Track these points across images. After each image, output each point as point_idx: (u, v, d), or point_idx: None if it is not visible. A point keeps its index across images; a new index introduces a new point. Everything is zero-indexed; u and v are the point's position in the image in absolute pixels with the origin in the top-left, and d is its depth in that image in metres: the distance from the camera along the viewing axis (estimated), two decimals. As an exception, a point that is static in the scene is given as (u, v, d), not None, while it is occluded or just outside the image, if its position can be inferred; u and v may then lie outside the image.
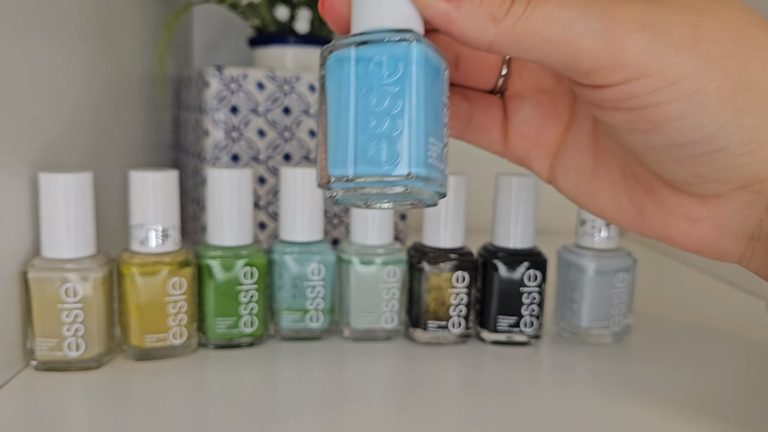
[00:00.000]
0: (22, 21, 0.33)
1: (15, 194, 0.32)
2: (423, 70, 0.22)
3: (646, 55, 0.21)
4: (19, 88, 0.32)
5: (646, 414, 0.31)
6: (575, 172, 0.28)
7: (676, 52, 0.21)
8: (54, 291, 0.32)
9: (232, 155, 0.50)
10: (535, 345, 0.39)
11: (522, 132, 0.29)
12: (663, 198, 0.26)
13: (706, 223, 0.26)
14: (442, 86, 0.23)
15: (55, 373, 0.33)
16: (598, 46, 0.21)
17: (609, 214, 0.28)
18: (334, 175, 0.22)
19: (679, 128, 0.22)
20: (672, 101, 0.22)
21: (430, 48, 0.22)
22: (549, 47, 0.22)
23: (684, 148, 0.23)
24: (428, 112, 0.22)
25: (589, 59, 0.22)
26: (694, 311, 0.48)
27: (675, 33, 0.21)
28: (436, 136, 0.22)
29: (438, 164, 0.23)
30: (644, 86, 0.22)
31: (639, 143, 0.24)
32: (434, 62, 0.22)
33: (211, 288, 0.36)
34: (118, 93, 0.48)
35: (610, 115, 0.24)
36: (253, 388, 0.33)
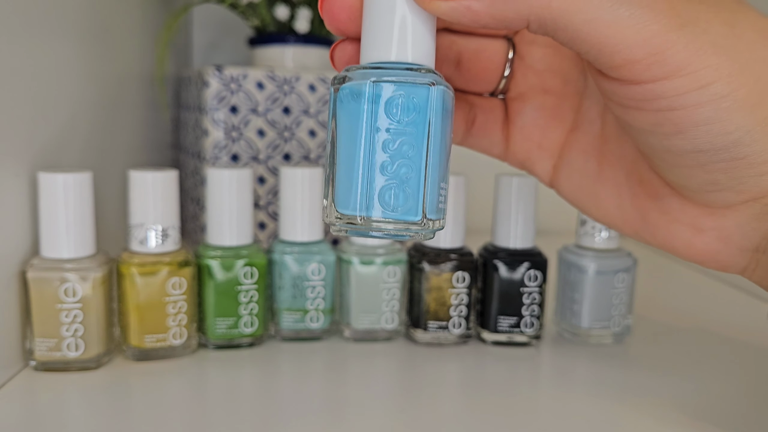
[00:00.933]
0: (22, 21, 0.32)
1: (14, 194, 0.32)
2: (441, 114, 0.21)
3: (686, 54, 0.20)
4: (19, 88, 0.32)
5: (646, 416, 0.31)
6: (579, 175, 0.28)
7: (714, 52, 0.20)
8: (53, 291, 0.32)
9: (232, 155, 0.50)
10: (535, 345, 0.39)
11: (525, 134, 0.28)
12: (668, 205, 0.26)
13: (710, 233, 0.25)
14: (450, 124, 0.22)
15: (54, 373, 0.32)
16: (640, 36, 0.20)
17: (611, 219, 0.28)
18: (345, 213, 0.21)
19: (705, 133, 0.21)
20: (701, 105, 0.21)
21: (444, 85, 0.22)
22: (588, 29, 0.20)
23: (706, 154, 0.22)
24: (442, 156, 0.21)
25: (626, 49, 0.20)
26: (694, 312, 0.47)
27: (715, 32, 0.20)
28: (445, 179, 0.22)
29: (444, 206, 0.22)
30: (676, 87, 0.21)
31: (659, 146, 0.23)
32: (448, 102, 0.22)
33: (211, 288, 0.36)
34: (117, 93, 0.48)
35: (633, 116, 0.23)
36: (253, 388, 0.33)
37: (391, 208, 0.21)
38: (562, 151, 0.28)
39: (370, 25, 0.22)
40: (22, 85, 0.33)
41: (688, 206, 0.25)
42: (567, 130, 0.28)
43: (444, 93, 0.21)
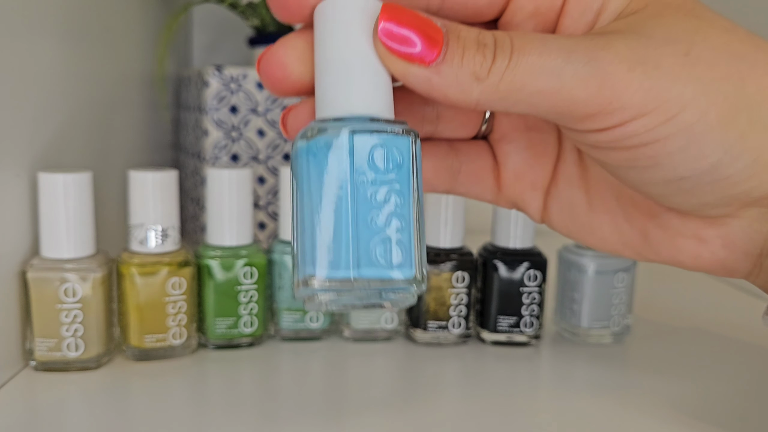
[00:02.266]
0: (22, 21, 0.32)
1: (14, 194, 0.32)
2: (419, 163, 0.20)
3: (642, 93, 0.20)
4: (19, 88, 0.32)
5: (645, 415, 0.31)
6: (569, 207, 0.27)
7: (672, 83, 0.20)
8: (53, 291, 0.32)
9: (232, 155, 0.50)
10: (535, 345, 0.39)
11: (517, 175, 0.28)
12: (668, 222, 0.25)
13: (715, 242, 0.25)
14: (421, 175, 0.21)
15: (54, 373, 0.32)
16: (590, 91, 0.20)
17: (610, 244, 0.27)
18: (335, 278, 0.19)
19: (682, 161, 0.21)
20: (674, 135, 0.21)
21: (416, 133, 0.21)
22: (539, 99, 0.20)
23: (689, 180, 0.22)
24: (422, 207, 0.21)
25: (582, 106, 0.20)
26: (694, 312, 0.47)
27: (667, 63, 0.20)
28: (423, 227, 0.21)
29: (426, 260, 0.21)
30: (644, 124, 0.21)
31: (639, 179, 0.23)
32: (420, 150, 0.21)
33: (211, 288, 0.36)
34: (117, 93, 0.48)
35: (607, 155, 0.23)
36: (252, 388, 0.33)
37: (380, 265, 0.19)
38: (549, 186, 0.28)
39: (326, 77, 0.21)
40: (22, 85, 0.33)
41: (688, 219, 0.25)
42: (553, 163, 0.27)
43: (418, 141, 0.21)
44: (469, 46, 0.20)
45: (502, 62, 0.20)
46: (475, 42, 0.20)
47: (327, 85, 0.21)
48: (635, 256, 0.27)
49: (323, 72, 0.21)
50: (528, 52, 0.20)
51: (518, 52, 0.20)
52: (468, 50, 0.20)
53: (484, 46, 0.20)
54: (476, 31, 0.21)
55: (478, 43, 0.20)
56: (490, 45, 0.20)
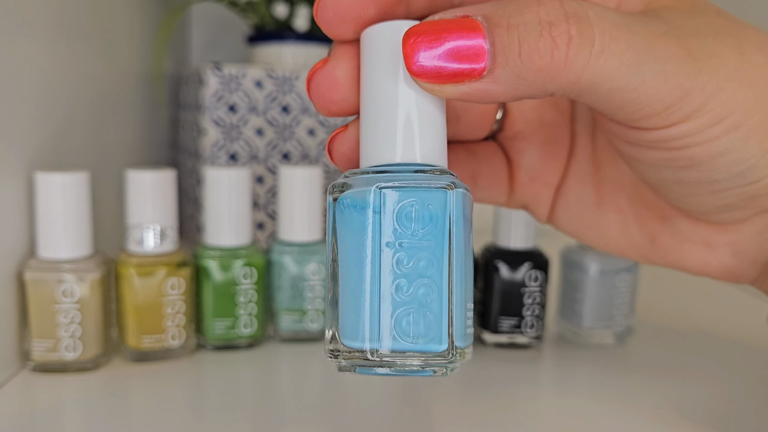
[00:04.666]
0: (19, 20, 0.32)
1: (11, 194, 0.32)
2: (461, 221, 0.18)
3: (704, 96, 0.20)
4: (15, 88, 0.32)
5: (648, 417, 0.30)
6: (577, 206, 0.27)
7: (728, 86, 0.20)
8: (50, 292, 0.31)
9: (231, 154, 0.49)
10: (536, 346, 0.38)
11: (532, 174, 0.27)
12: (678, 226, 0.25)
13: (724, 249, 0.25)
14: (471, 232, 0.19)
15: (51, 374, 0.32)
16: (662, 90, 0.19)
17: (616, 246, 0.27)
18: (353, 347, 0.18)
19: (722, 164, 0.21)
20: (717, 138, 0.20)
21: (463, 187, 0.18)
22: (615, 95, 0.19)
23: (721, 182, 0.22)
24: (467, 270, 0.18)
25: (651, 106, 0.19)
26: (696, 313, 0.47)
27: (728, 64, 0.20)
28: (471, 297, 0.19)
29: (472, 329, 0.19)
30: (692, 127, 0.20)
31: (672, 178, 0.23)
32: (468, 206, 0.19)
33: (209, 289, 0.35)
34: (115, 92, 0.48)
35: (645, 153, 0.22)
36: (251, 390, 0.32)
37: (411, 337, 0.18)
38: (560, 184, 0.27)
39: (369, 121, 0.19)
40: (19, 85, 0.32)
41: (699, 224, 0.25)
42: (566, 160, 0.27)
43: (463, 197, 0.18)
44: (527, 34, 0.17)
45: (583, 48, 0.17)
46: (534, 25, 0.17)
47: (366, 127, 0.19)
48: (640, 259, 0.27)
49: (364, 112, 0.19)
50: (616, 41, 0.18)
51: (604, 38, 0.18)
52: (526, 40, 0.17)
53: (549, 25, 0.17)
54: (534, 8, 0.17)
55: (540, 24, 0.17)
56: (560, 23, 0.17)
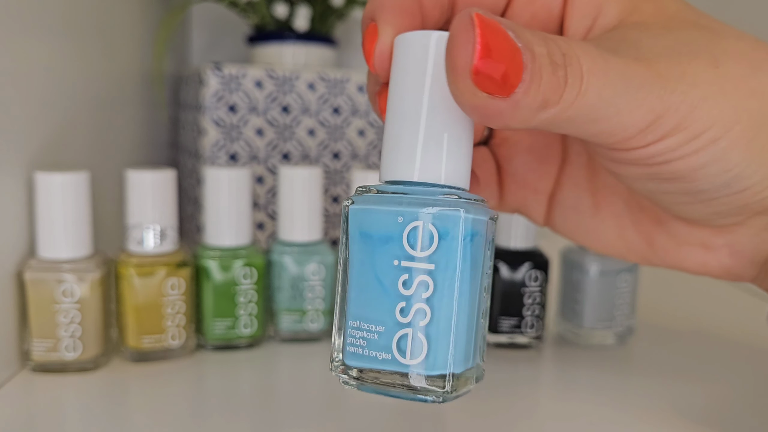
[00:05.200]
0: (19, 19, 0.32)
1: (11, 194, 0.32)
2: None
3: (679, 115, 0.20)
4: (16, 87, 0.32)
5: (648, 418, 0.30)
6: (574, 212, 0.27)
7: (704, 102, 0.20)
8: (50, 292, 0.31)
9: (231, 154, 0.49)
10: (536, 346, 0.38)
11: (519, 180, 0.27)
12: (675, 229, 0.25)
13: (722, 250, 0.25)
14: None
15: (51, 374, 0.32)
16: (637, 115, 0.19)
17: (615, 249, 0.27)
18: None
19: (704, 175, 0.21)
20: (698, 151, 0.21)
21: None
22: (592, 125, 0.19)
23: (707, 192, 0.22)
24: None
25: (626, 131, 0.20)
26: (697, 313, 0.47)
27: (702, 80, 0.20)
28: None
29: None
30: (673, 143, 0.20)
31: (656, 190, 0.23)
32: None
33: (209, 289, 0.35)
34: (115, 92, 0.47)
35: (627, 170, 0.22)
36: (251, 390, 0.32)
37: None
38: (554, 190, 0.27)
39: (391, 134, 0.19)
40: (19, 85, 0.32)
41: (695, 228, 0.25)
42: (557, 167, 0.27)
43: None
44: (545, 67, 0.18)
45: (573, 89, 0.18)
46: (548, 62, 0.18)
47: (388, 137, 0.19)
48: (640, 261, 0.27)
49: (388, 122, 0.19)
50: (596, 77, 0.18)
51: (588, 77, 0.18)
52: (545, 73, 0.18)
53: (556, 66, 0.18)
54: (544, 44, 0.18)
55: (551, 63, 0.18)
56: (561, 65, 0.18)
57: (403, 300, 0.18)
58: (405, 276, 0.18)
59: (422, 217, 0.17)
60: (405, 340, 0.18)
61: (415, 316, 0.17)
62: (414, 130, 0.18)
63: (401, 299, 0.18)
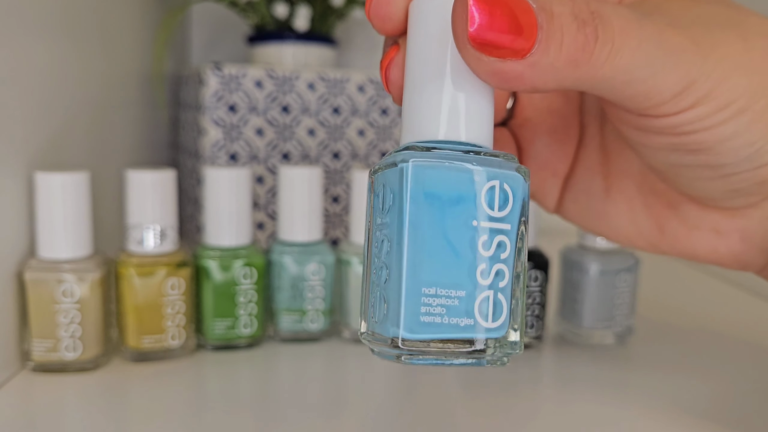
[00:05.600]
0: (19, 19, 0.32)
1: (11, 194, 0.32)
2: (422, 197, 0.17)
3: (711, 83, 0.20)
4: (16, 87, 0.32)
5: (649, 417, 0.30)
6: (586, 195, 0.27)
7: (734, 72, 0.20)
8: (50, 292, 0.31)
9: (231, 154, 0.49)
10: (536, 346, 0.38)
11: (540, 162, 0.27)
12: (687, 213, 0.25)
13: (733, 236, 0.25)
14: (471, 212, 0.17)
15: (51, 374, 0.32)
16: (672, 80, 0.19)
17: (624, 235, 0.27)
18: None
19: (729, 149, 0.21)
20: (725, 122, 0.21)
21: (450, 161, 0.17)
22: (627, 86, 0.19)
23: (729, 166, 0.22)
24: (431, 251, 0.17)
25: (660, 95, 0.20)
26: (697, 312, 0.47)
27: (733, 51, 0.20)
28: (446, 284, 0.17)
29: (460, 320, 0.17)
30: (702, 112, 0.20)
31: (678, 162, 0.23)
32: (442, 183, 0.17)
33: (209, 289, 0.35)
34: (115, 92, 0.47)
35: (652, 139, 0.22)
36: (251, 390, 0.32)
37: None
38: (569, 173, 0.27)
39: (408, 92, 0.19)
40: (19, 85, 0.32)
41: (708, 211, 0.25)
42: (574, 149, 0.27)
43: (430, 170, 0.17)
44: (568, 25, 0.17)
45: (605, 46, 0.18)
46: (572, 18, 0.18)
47: (409, 100, 0.19)
48: (649, 248, 0.27)
49: (409, 84, 0.19)
50: (630, 37, 0.18)
51: (621, 36, 0.18)
52: (567, 32, 0.17)
53: (583, 23, 0.18)
54: (569, 2, 0.18)
55: (576, 19, 0.18)
56: (590, 22, 0.18)
57: (483, 262, 0.17)
58: (484, 237, 0.17)
59: (498, 177, 0.17)
60: (486, 303, 0.17)
61: (496, 277, 0.17)
62: (442, 89, 0.18)
63: (481, 261, 0.17)
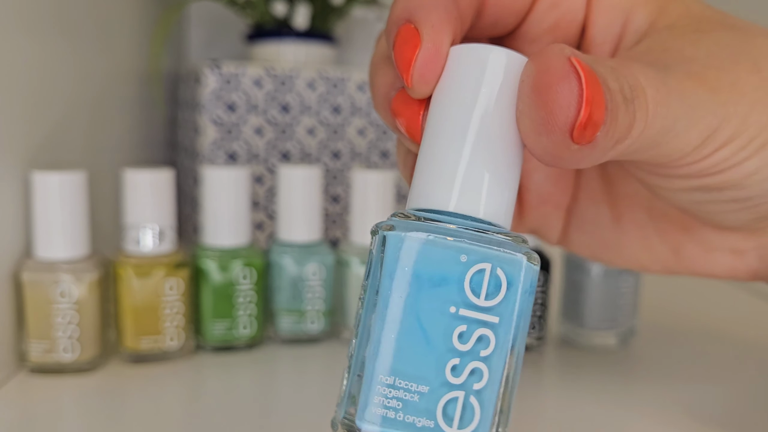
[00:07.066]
0: (15, 17, 0.32)
1: (7, 194, 0.31)
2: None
3: (732, 127, 0.19)
4: (12, 86, 0.32)
5: (651, 419, 0.30)
6: (592, 226, 0.26)
7: (752, 109, 0.20)
8: (48, 293, 0.31)
9: (229, 154, 0.49)
10: (538, 347, 0.38)
11: (541, 195, 0.26)
12: (703, 236, 0.25)
13: (752, 254, 0.24)
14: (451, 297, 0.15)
15: (48, 376, 0.32)
16: (696, 133, 0.19)
17: (638, 262, 0.26)
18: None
19: (754, 182, 0.21)
20: (748, 158, 0.20)
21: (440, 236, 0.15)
22: (651, 151, 0.19)
23: (755, 198, 0.21)
24: (400, 334, 0.15)
25: (684, 149, 0.19)
26: (700, 314, 0.47)
27: (750, 88, 0.20)
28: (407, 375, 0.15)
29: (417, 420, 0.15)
30: (728, 152, 0.20)
31: (701, 200, 0.22)
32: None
33: (208, 289, 0.35)
34: (112, 91, 0.47)
35: (674, 183, 0.22)
36: (250, 391, 0.32)
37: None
38: (570, 204, 0.26)
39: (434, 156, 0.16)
40: (15, 84, 0.32)
41: (725, 233, 0.24)
42: (573, 180, 0.26)
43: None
44: (620, 106, 0.16)
45: (641, 123, 0.17)
46: (622, 99, 0.16)
47: (429, 159, 0.16)
48: (663, 272, 0.26)
49: (428, 142, 0.17)
50: (660, 105, 0.18)
51: (653, 107, 0.17)
52: (620, 113, 0.16)
53: (627, 102, 0.17)
54: (615, 78, 0.16)
55: (624, 99, 0.16)
56: (630, 99, 0.17)
57: (456, 356, 0.15)
58: (462, 327, 0.15)
59: (491, 260, 0.15)
60: (454, 404, 0.15)
61: (470, 377, 0.15)
62: (465, 155, 0.16)
63: (454, 355, 0.15)
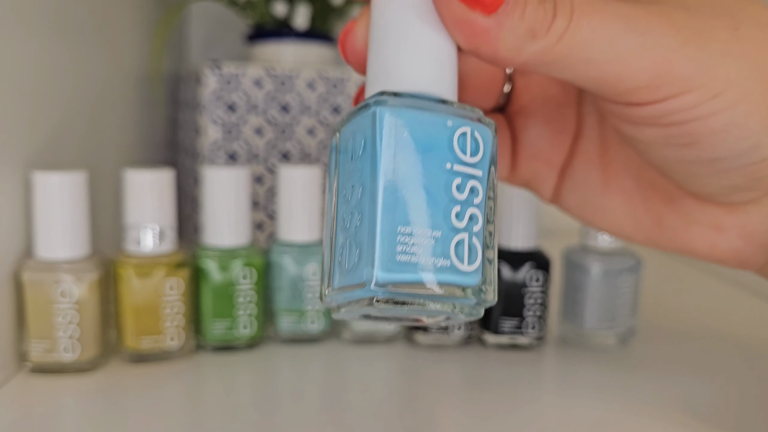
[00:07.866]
0: (17, 18, 0.32)
1: (8, 194, 0.31)
2: (395, 139, 0.17)
3: (692, 69, 0.19)
4: (13, 86, 0.32)
5: (651, 419, 0.30)
6: (583, 187, 0.26)
7: (721, 60, 0.20)
8: (48, 292, 0.31)
9: (230, 154, 0.49)
10: (538, 347, 0.38)
11: (533, 150, 0.27)
12: (686, 208, 0.25)
13: (732, 231, 0.24)
14: (445, 156, 0.17)
15: (49, 375, 0.32)
16: (644, 64, 0.19)
17: (620, 228, 0.26)
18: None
19: (721, 141, 0.21)
20: (716, 114, 0.20)
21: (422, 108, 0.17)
22: (589, 67, 0.19)
23: (724, 161, 0.21)
24: (406, 193, 0.17)
25: (632, 79, 0.20)
26: (699, 314, 0.47)
27: (719, 38, 0.20)
28: (421, 224, 0.17)
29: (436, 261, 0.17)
30: (687, 101, 0.20)
31: (674, 157, 0.22)
32: (420, 130, 0.17)
33: (208, 289, 0.35)
34: (113, 91, 0.47)
35: (643, 131, 0.22)
36: (250, 391, 0.32)
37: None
38: (566, 164, 0.27)
39: (375, 44, 0.19)
40: (16, 84, 0.32)
41: (707, 206, 0.24)
42: (571, 140, 0.27)
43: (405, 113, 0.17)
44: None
45: (562, 21, 0.19)
46: None
47: (376, 54, 0.19)
48: (647, 242, 0.26)
49: (373, 45, 0.19)
50: (589, 15, 0.19)
51: (579, 13, 0.19)
52: (529, 2, 0.18)
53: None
54: None
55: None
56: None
57: (457, 204, 0.17)
58: (458, 180, 0.17)
59: (469, 124, 0.17)
60: (462, 245, 0.17)
61: (470, 221, 0.17)
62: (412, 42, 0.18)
63: (455, 203, 0.17)
